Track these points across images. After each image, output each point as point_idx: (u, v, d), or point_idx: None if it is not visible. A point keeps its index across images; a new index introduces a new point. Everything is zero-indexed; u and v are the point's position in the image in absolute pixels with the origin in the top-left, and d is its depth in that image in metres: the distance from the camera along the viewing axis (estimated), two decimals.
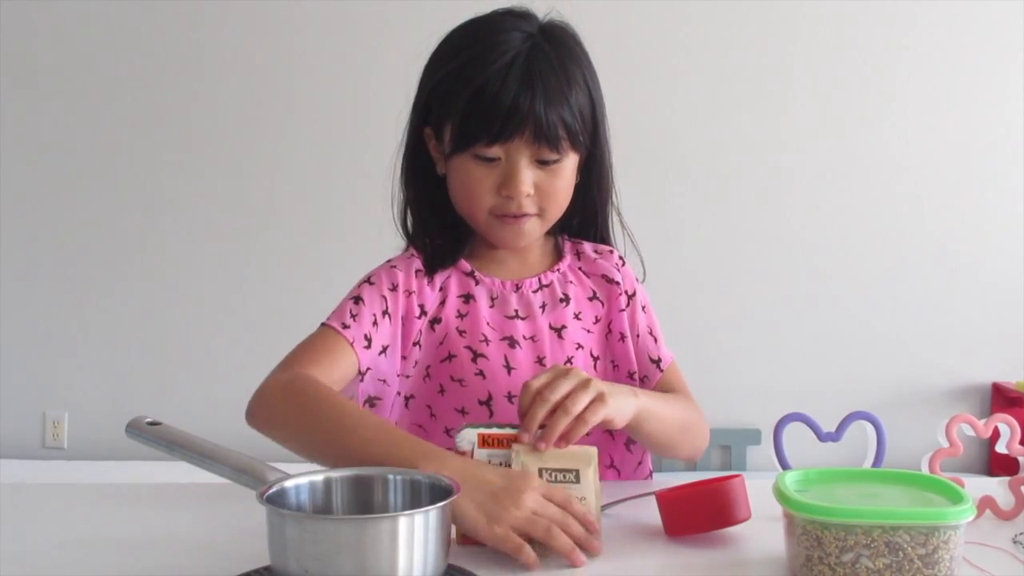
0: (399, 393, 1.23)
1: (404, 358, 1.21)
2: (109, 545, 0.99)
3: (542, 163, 1.17)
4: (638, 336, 1.28)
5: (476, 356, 1.20)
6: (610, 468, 1.27)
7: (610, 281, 1.30)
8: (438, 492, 0.87)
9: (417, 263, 1.24)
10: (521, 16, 1.20)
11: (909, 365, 3.15)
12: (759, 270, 3.14)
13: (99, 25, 3.15)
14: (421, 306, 1.22)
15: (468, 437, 0.97)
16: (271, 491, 0.85)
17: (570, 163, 1.20)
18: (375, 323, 1.18)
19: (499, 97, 1.12)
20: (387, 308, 1.20)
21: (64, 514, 1.09)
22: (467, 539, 0.93)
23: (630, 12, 3.05)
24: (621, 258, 1.34)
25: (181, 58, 3.14)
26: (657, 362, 1.28)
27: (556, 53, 1.16)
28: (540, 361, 1.22)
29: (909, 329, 3.14)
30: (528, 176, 1.16)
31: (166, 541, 1.00)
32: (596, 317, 1.28)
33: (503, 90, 1.12)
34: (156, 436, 0.96)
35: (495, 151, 1.15)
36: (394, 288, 1.21)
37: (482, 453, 0.96)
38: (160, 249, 3.17)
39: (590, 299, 1.29)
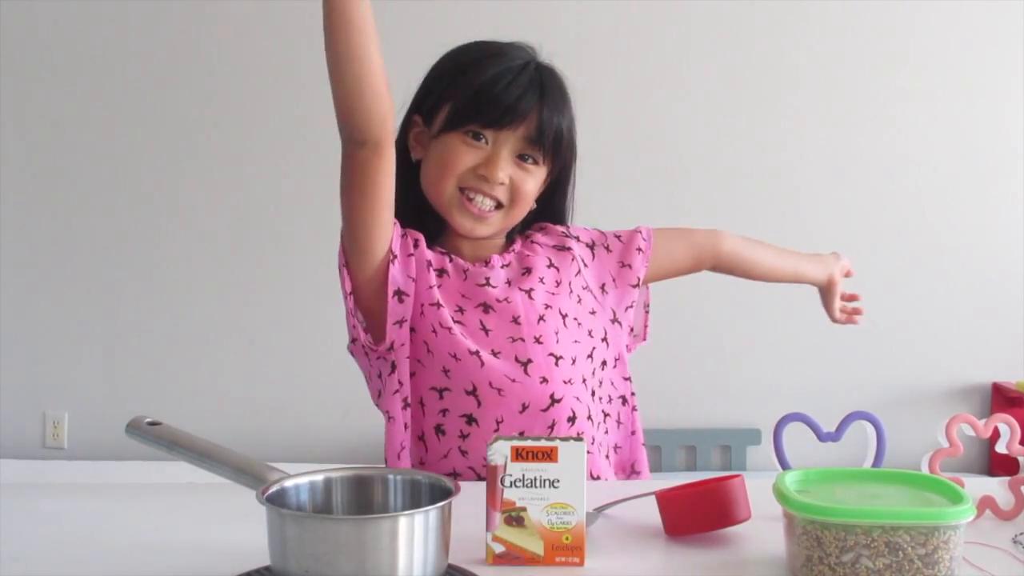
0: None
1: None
2: (109, 545, 0.99)
3: (521, 159, 1.27)
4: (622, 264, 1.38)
5: (455, 323, 1.29)
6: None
7: (561, 248, 1.37)
8: (438, 492, 0.87)
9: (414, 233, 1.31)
10: (526, 47, 1.33)
11: (909, 365, 3.14)
12: None
13: (99, 25, 3.14)
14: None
15: (501, 450, 0.92)
16: (271, 491, 0.85)
17: (541, 174, 1.31)
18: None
19: (509, 89, 1.24)
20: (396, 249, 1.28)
21: (64, 514, 1.09)
22: (499, 559, 0.92)
23: (631, 12, 3.04)
24: (566, 226, 1.41)
25: (181, 58, 3.13)
26: (636, 284, 1.39)
27: (556, 77, 1.31)
28: (515, 320, 1.28)
29: (909, 329, 3.13)
30: (508, 166, 1.27)
31: (166, 541, 1.00)
32: (556, 281, 1.35)
33: (513, 85, 1.24)
34: (156, 436, 0.95)
35: (487, 134, 1.25)
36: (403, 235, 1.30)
37: (516, 467, 0.92)
38: (160, 249, 3.17)
39: (548, 267, 1.35)
